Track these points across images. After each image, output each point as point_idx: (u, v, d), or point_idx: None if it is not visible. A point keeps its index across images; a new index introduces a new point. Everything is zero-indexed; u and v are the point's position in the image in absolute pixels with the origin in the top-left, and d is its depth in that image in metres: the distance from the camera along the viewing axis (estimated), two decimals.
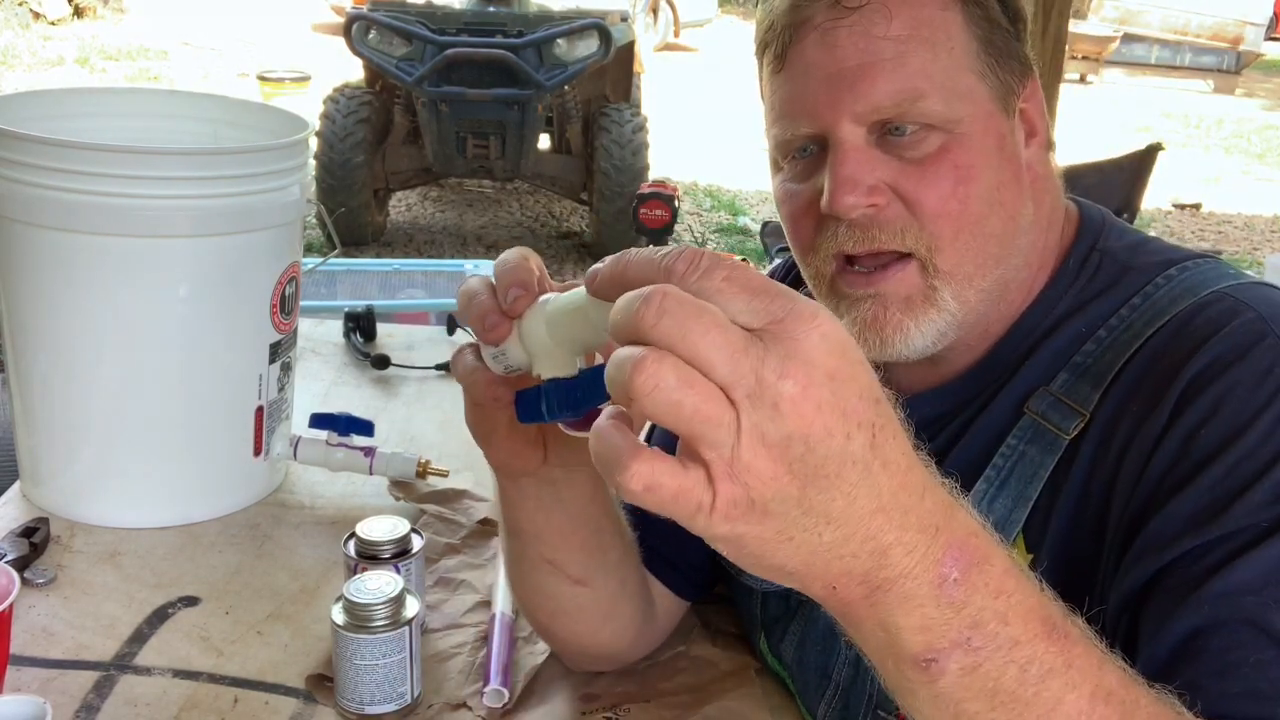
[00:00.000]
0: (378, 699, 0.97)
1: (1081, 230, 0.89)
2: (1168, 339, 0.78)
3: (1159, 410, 0.74)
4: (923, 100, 0.79)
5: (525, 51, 4.88)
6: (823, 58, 0.81)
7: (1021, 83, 0.84)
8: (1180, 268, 0.83)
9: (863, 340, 0.84)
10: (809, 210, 0.85)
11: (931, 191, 0.80)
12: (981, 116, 0.81)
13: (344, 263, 3.83)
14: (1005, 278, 0.85)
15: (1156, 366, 0.77)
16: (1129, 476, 0.75)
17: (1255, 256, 6.38)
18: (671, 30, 12.24)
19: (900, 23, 0.79)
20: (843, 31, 0.80)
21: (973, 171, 0.81)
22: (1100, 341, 0.82)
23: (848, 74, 0.80)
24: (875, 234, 0.81)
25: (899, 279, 0.82)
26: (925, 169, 0.80)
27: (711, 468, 0.46)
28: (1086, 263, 0.87)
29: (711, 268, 0.47)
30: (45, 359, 1.23)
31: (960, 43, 0.81)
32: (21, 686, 0.98)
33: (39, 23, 10.55)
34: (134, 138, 1.34)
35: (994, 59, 0.82)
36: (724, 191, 6.95)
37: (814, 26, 0.81)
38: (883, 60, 0.79)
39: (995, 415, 0.85)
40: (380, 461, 1.35)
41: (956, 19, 0.81)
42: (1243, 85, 12.55)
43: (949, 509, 0.52)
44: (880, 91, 0.79)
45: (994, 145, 0.82)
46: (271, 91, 7.50)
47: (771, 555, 0.49)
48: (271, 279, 1.27)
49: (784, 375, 0.45)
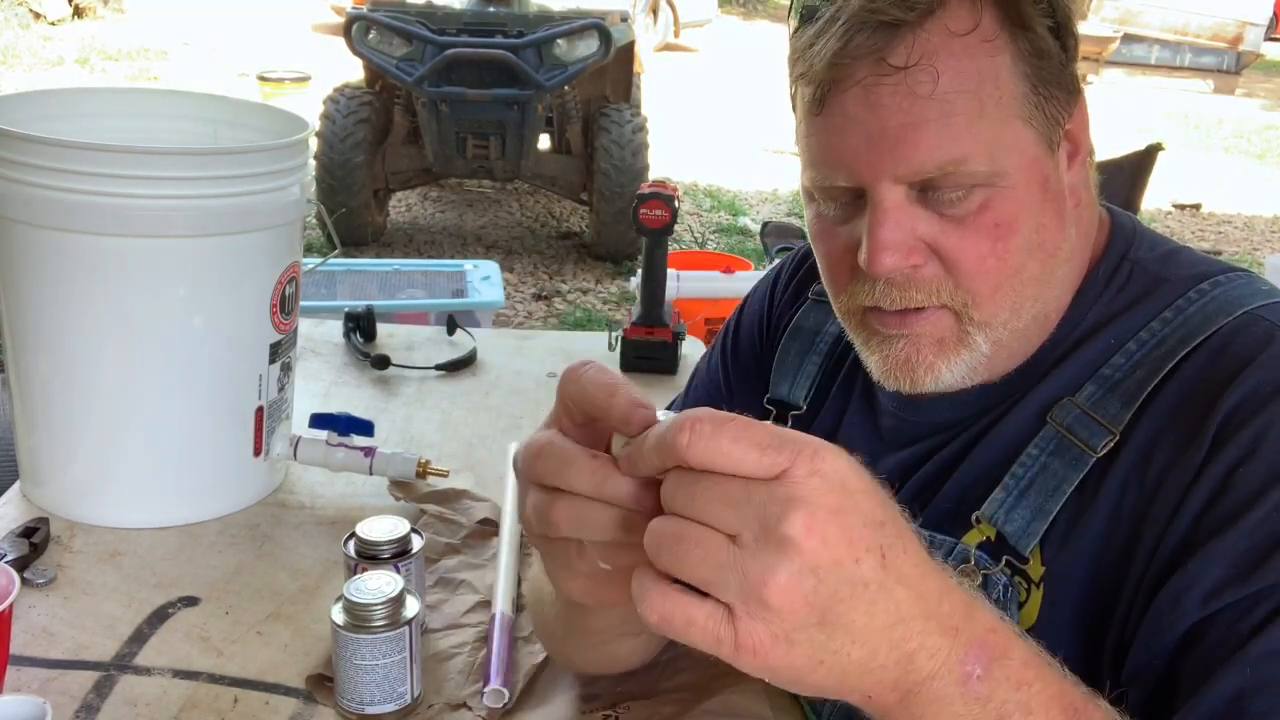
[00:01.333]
0: (378, 699, 0.97)
1: (1112, 239, 0.87)
2: (1203, 365, 0.77)
3: (1197, 444, 0.73)
4: (966, 164, 0.76)
5: (525, 52, 4.87)
6: (864, 114, 0.76)
7: (1068, 109, 0.80)
8: (1213, 282, 0.81)
9: (893, 377, 0.83)
10: (845, 256, 0.82)
11: (970, 251, 0.78)
12: (1026, 165, 0.78)
13: (344, 263, 3.83)
14: (1044, 310, 0.83)
15: (1193, 395, 0.76)
16: (1163, 510, 0.74)
17: (1255, 257, 6.37)
18: (671, 30, 12.23)
19: (947, 79, 0.74)
20: (885, 89, 0.75)
21: (1014, 226, 0.78)
22: (1130, 355, 0.80)
23: (890, 134, 0.76)
24: (912, 294, 0.79)
25: (933, 322, 0.81)
26: (965, 227, 0.78)
27: (732, 608, 0.52)
28: (1117, 273, 0.85)
29: (715, 432, 0.54)
30: (45, 359, 1.23)
31: (1009, 90, 0.76)
32: (21, 686, 0.98)
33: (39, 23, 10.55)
34: (134, 138, 1.34)
35: (1042, 97, 0.78)
36: (724, 192, 6.94)
37: (856, 81, 0.76)
38: (927, 120, 0.75)
39: (1016, 423, 0.84)
40: (380, 461, 1.35)
41: (1005, 62, 0.76)
42: (1243, 85, 12.54)
43: (967, 608, 0.57)
44: (924, 154, 0.75)
45: (1037, 191, 0.79)
46: (271, 91, 7.49)
47: (807, 678, 0.54)
48: (271, 279, 1.27)
49: (785, 518, 0.51)
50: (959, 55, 0.75)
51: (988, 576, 0.81)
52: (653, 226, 1.82)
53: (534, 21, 5.02)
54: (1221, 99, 11.96)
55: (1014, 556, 0.80)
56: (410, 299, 3.58)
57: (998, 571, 0.81)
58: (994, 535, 0.82)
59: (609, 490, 0.61)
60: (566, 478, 0.62)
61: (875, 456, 0.93)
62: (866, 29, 0.75)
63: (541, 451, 0.64)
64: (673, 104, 8.64)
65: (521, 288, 5.04)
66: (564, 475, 0.62)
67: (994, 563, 0.81)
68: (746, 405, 1.04)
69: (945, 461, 0.87)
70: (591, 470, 0.61)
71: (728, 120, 8.65)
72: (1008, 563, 0.80)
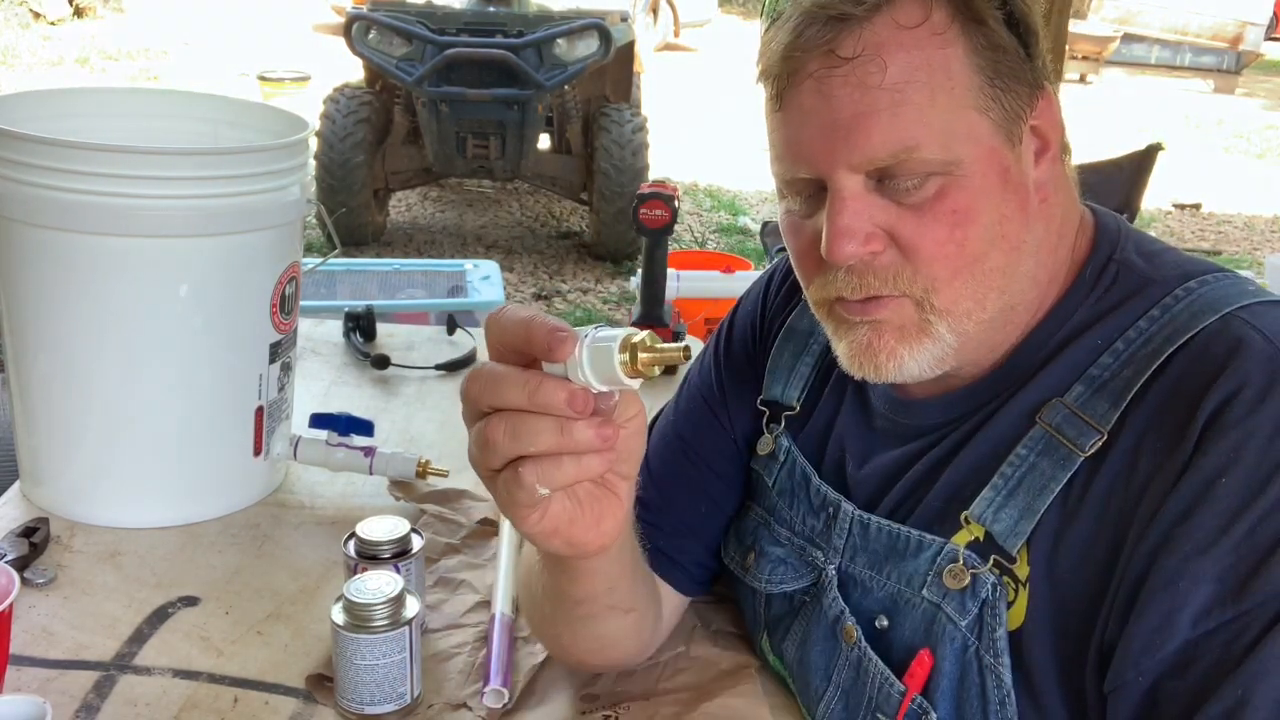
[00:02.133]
0: (378, 699, 0.97)
1: (1098, 240, 0.88)
2: (1186, 367, 0.77)
3: (1180, 449, 0.74)
4: (918, 151, 0.77)
5: (525, 51, 4.87)
6: (818, 105, 0.79)
7: (1030, 103, 0.81)
8: (1200, 280, 0.82)
9: (857, 363, 0.84)
10: (811, 248, 0.84)
11: (927, 237, 0.79)
12: (983, 155, 0.79)
13: (344, 263, 3.83)
14: (1010, 302, 0.84)
15: (1175, 397, 0.76)
16: (1145, 512, 0.74)
17: (1255, 256, 6.37)
18: (671, 30, 12.23)
19: (896, 70, 0.76)
20: (837, 81, 0.77)
21: (971, 214, 0.79)
22: (1118, 355, 0.81)
23: (842, 125, 0.78)
24: (870, 280, 0.80)
25: (893, 309, 0.81)
26: (923, 214, 0.79)
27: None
28: (1103, 274, 0.86)
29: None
30: (45, 359, 1.23)
31: (961, 81, 0.78)
32: (21, 686, 0.98)
33: (39, 23, 10.55)
34: (134, 137, 1.34)
35: (999, 89, 0.79)
36: (724, 191, 6.94)
37: (808, 74, 0.79)
38: (877, 111, 0.77)
39: (1005, 423, 0.84)
40: (380, 461, 1.35)
41: (957, 54, 0.77)
42: (1243, 85, 12.54)
43: None
44: (875, 144, 0.77)
45: (996, 182, 0.80)
46: (271, 91, 7.49)
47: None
48: (271, 279, 1.27)
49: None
50: (908, 47, 0.77)
51: (976, 576, 0.81)
52: (653, 226, 1.82)
53: (534, 21, 5.02)
54: (1221, 99, 11.96)
55: (1001, 556, 0.81)
56: (410, 299, 3.58)
57: (986, 571, 0.81)
58: (982, 535, 0.82)
59: (542, 397, 0.65)
60: (500, 393, 0.66)
61: (867, 456, 0.93)
62: (817, 23, 0.77)
63: (476, 375, 0.69)
64: (673, 104, 8.64)
65: (521, 287, 5.04)
66: (498, 391, 0.67)
67: (982, 562, 0.81)
68: (740, 406, 1.05)
69: (935, 461, 0.88)
70: (523, 381, 0.65)
71: (728, 120, 8.64)
72: (995, 562, 0.81)
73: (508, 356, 0.68)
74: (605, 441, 0.66)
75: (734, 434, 1.05)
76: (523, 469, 0.67)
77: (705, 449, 1.05)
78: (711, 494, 1.05)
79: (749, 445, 1.04)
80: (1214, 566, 0.70)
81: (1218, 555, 0.70)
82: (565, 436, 0.65)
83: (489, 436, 0.67)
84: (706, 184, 7.03)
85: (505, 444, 0.67)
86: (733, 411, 1.05)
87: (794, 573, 0.97)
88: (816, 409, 1.00)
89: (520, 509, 0.70)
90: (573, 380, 0.65)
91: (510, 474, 0.68)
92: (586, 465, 0.67)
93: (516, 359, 0.68)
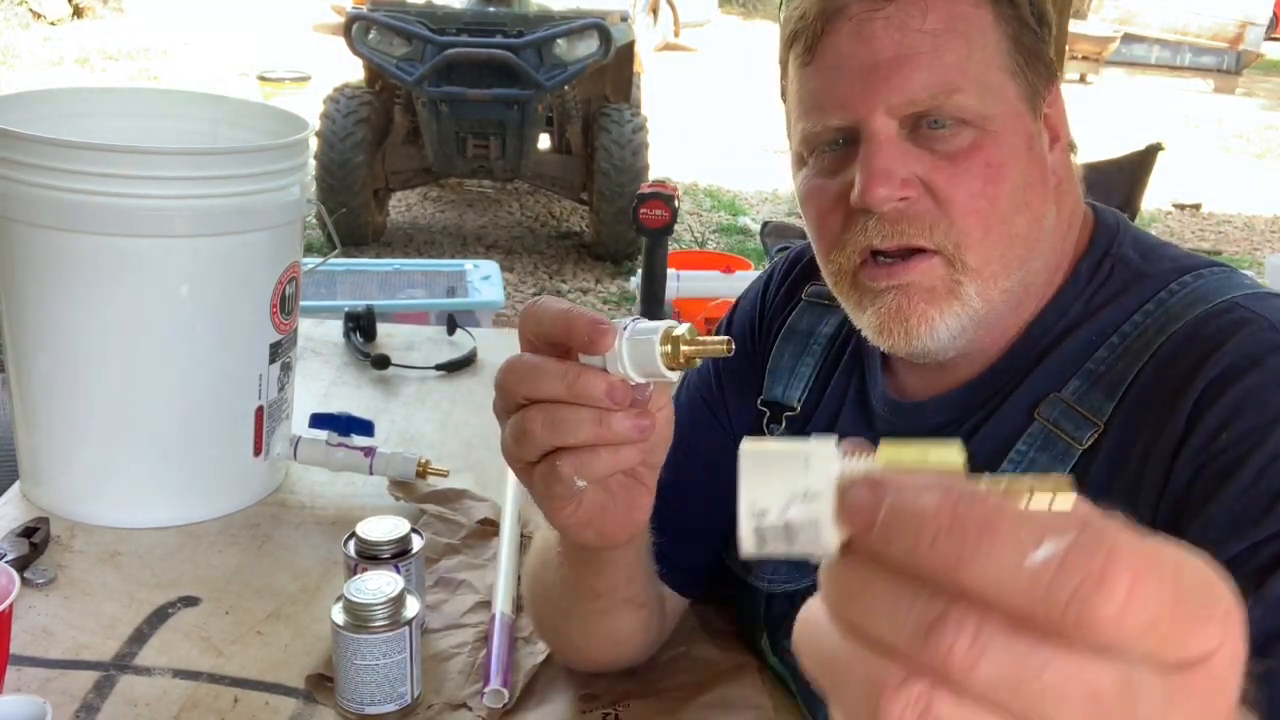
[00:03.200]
0: (378, 699, 0.97)
1: (1096, 235, 0.89)
2: (1178, 347, 0.78)
3: (1174, 419, 0.74)
4: (958, 94, 0.78)
5: (525, 51, 4.87)
6: (857, 49, 0.80)
7: (1047, 86, 0.83)
8: (1195, 274, 0.83)
9: (887, 331, 0.83)
10: (837, 205, 0.83)
11: (962, 188, 0.79)
12: (1012, 116, 0.80)
13: (344, 263, 3.83)
14: (1027, 280, 0.84)
15: (1168, 375, 0.77)
16: (1151, 489, 0.74)
17: (1255, 256, 6.37)
18: (671, 30, 12.23)
19: (935, 16, 0.79)
20: (878, 23, 0.79)
21: (1003, 170, 0.80)
22: (1113, 349, 0.81)
23: (883, 66, 0.79)
24: (904, 228, 0.80)
25: (923, 269, 0.81)
26: (957, 164, 0.79)
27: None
28: (1099, 268, 0.86)
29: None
30: (45, 359, 1.23)
31: (992, 40, 0.80)
32: (21, 686, 0.98)
33: (39, 23, 10.54)
34: (134, 137, 1.34)
35: (1023, 59, 0.81)
36: (724, 191, 6.94)
37: (848, 17, 0.80)
38: (919, 53, 0.78)
39: (1004, 421, 0.84)
40: (380, 461, 1.35)
41: (988, 16, 0.80)
42: (1243, 85, 12.54)
43: None
44: (916, 83, 0.78)
45: (1023, 145, 0.81)
46: (271, 91, 7.49)
47: None
48: (272, 279, 1.27)
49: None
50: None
51: None
52: (653, 226, 1.82)
53: (534, 21, 5.02)
54: (1221, 99, 11.96)
55: None
56: (410, 299, 3.58)
57: None
58: None
59: (581, 388, 0.63)
60: (538, 383, 0.65)
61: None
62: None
63: (512, 367, 0.67)
64: (673, 104, 8.63)
65: (521, 287, 5.04)
66: (535, 381, 0.65)
67: None
68: (739, 406, 1.05)
69: None
70: (562, 372, 0.64)
71: (728, 120, 8.64)
72: None
73: (542, 349, 0.67)
74: (642, 433, 0.66)
75: (734, 434, 1.05)
76: (560, 462, 0.66)
77: (705, 450, 1.05)
78: (711, 495, 1.05)
79: None
80: (1225, 510, 0.69)
81: (1227, 499, 0.70)
82: (604, 428, 0.65)
83: (526, 428, 0.66)
84: (706, 184, 7.03)
85: (543, 435, 0.66)
86: (732, 412, 1.05)
87: (796, 573, 0.97)
88: (818, 410, 1.00)
89: (556, 501, 0.69)
90: (610, 372, 0.65)
91: (547, 466, 0.67)
92: (623, 456, 0.67)
93: (550, 351, 0.67)
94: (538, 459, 0.68)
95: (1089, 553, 0.27)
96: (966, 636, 0.28)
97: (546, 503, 0.71)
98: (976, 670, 0.28)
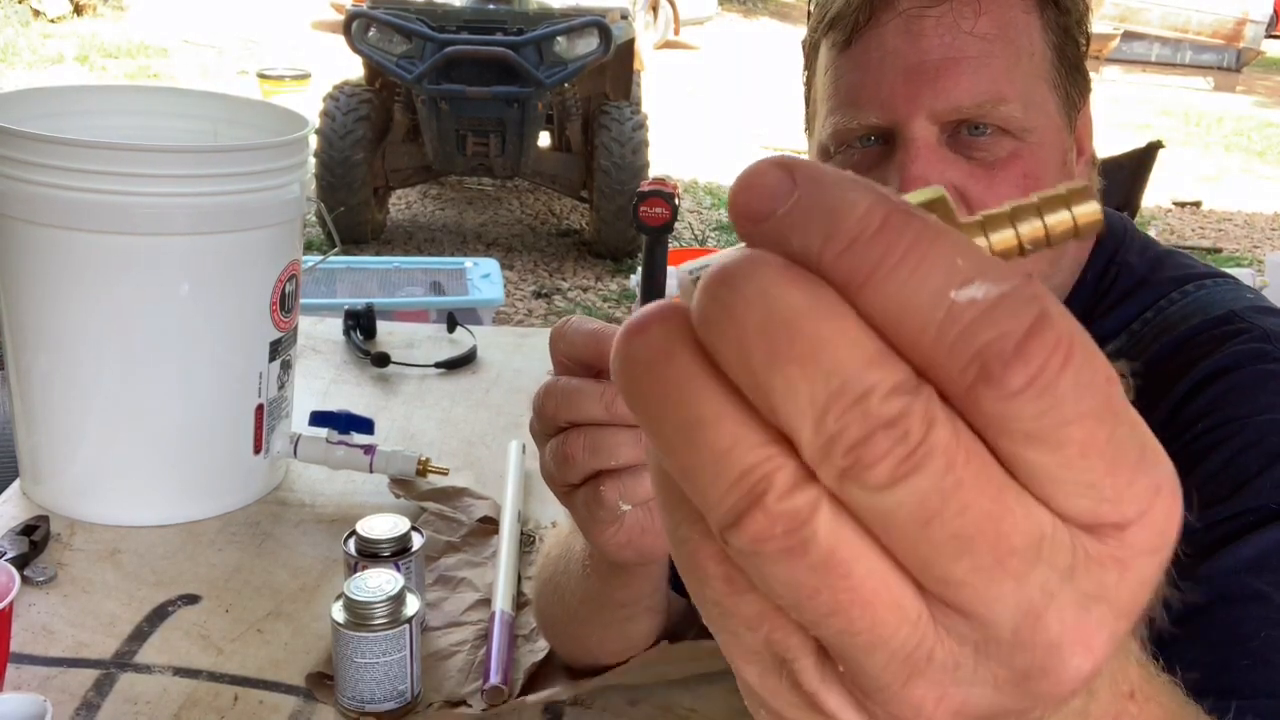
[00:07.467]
0: (378, 697, 0.97)
1: (1102, 240, 0.88)
2: (1171, 351, 0.78)
3: (1157, 414, 0.74)
4: (1004, 104, 0.76)
5: (525, 49, 4.87)
6: (904, 46, 0.76)
7: (1082, 99, 0.82)
8: (1197, 284, 0.82)
9: None
10: None
11: (997, 198, 0.78)
12: (1051, 129, 0.79)
13: (344, 260, 3.83)
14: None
15: (1158, 375, 0.77)
16: None
17: (1255, 255, 6.37)
18: (672, 28, 12.22)
19: (987, 20, 0.76)
20: (929, 21, 0.76)
21: (1039, 183, 0.78)
22: (1112, 356, 0.81)
23: (929, 68, 0.76)
24: None
25: None
26: (994, 174, 0.77)
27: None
28: (1104, 275, 0.86)
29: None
30: (45, 358, 1.23)
31: (1039, 50, 0.78)
32: (21, 684, 0.98)
33: (39, 20, 10.54)
34: (134, 135, 1.34)
35: (1065, 71, 0.79)
36: (724, 189, 6.93)
37: (898, 11, 0.77)
38: (968, 57, 0.75)
39: None
40: (380, 459, 1.35)
41: (1036, 24, 0.78)
42: (1243, 83, 12.54)
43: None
44: (963, 90, 0.76)
45: (1059, 159, 0.79)
46: (271, 89, 7.48)
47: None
48: (271, 277, 1.27)
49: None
50: (1001, 2, 0.76)
51: None
52: (653, 224, 1.82)
53: (534, 19, 5.02)
54: (1222, 96, 11.95)
55: None
56: (410, 297, 3.58)
57: None
58: None
59: (620, 409, 0.61)
60: (577, 406, 0.63)
61: None
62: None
63: (550, 390, 0.65)
64: (673, 101, 8.63)
65: (522, 285, 5.04)
66: (574, 404, 0.63)
67: None
68: None
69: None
70: (599, 394, 0.62)
71: (728, 118, 8.64)
72: None
73: (575, 370, 0.65)
74: None
75: None
76: (604, 486, 0.64)
77: None
78: None
79: None
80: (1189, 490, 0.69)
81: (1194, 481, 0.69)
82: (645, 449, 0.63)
83: (568, 453, 0.64)
84: (706, 181, 7.03)
85: (585, 459, 0.64)
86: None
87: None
88: None
89: (600, 525, 0.67)
90: None
91: (590, 491, 0.65)
92: None
93: (584, 372, 0.65)
94: (580, 482, 0.66)
95: (1019, 311, 0.22)
96: (918, 418, 0.21)
97: (590, 526, 0.69)
98: (910, 481, 0.22)
